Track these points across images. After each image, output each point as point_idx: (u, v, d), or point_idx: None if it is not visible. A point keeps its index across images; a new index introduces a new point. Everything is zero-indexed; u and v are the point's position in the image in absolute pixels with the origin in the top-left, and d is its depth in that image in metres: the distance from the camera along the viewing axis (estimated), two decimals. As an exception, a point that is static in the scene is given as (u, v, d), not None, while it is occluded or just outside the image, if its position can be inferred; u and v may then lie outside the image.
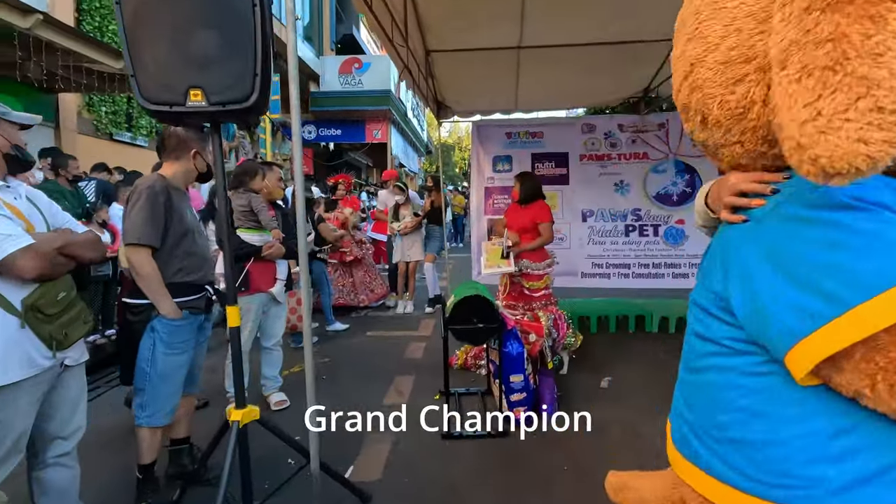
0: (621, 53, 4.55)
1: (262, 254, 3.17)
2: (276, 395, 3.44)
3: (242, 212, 3.17)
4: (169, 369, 2.20)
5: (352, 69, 14.85)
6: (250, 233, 3.19)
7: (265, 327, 3.34)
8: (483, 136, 5.80)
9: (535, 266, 3.88)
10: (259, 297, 3.20)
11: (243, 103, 1.63)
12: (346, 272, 6.12)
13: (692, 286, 1.16)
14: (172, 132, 2.30)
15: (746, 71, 0.76)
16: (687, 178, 5.52)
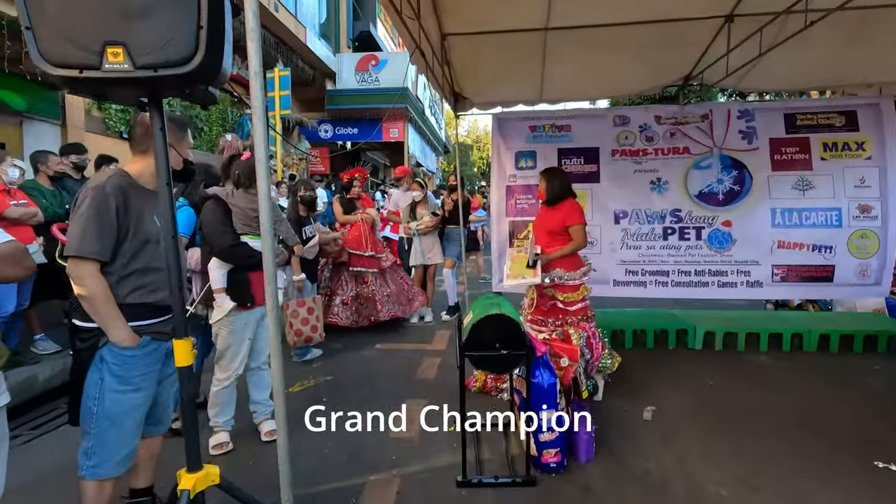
0: (663, 34, 4.01)
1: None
2: (268, 423, 3.00)
3: (255, 216, 2.77)
4: (120, 410, 1.76)
5: (368, 66, 14.52)
6: (258, 239, 2.79)
7: (255, 344, 2.91)
8: (504, 130, 5.30)
9: (569, 276, 3.35)
10: (257, 311, 2.82)
11: (182, 67, 1.18)
12: (384, 281, 5.35)
13: (741, 297, 0.91)
14: (140, 119, 1.87)
15: None
16: (734, 175, 4.93)
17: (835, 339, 4.36)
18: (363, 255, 5.18)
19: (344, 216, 5.29)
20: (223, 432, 2.86)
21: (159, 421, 1.99)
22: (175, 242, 1.43)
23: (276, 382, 1.58)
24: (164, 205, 1.37)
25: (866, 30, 3.82)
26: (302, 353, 4.33)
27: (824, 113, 4.87)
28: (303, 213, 4.21)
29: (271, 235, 1.46)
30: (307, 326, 3.96)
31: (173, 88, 1.27)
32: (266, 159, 1.38)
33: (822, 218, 4.85)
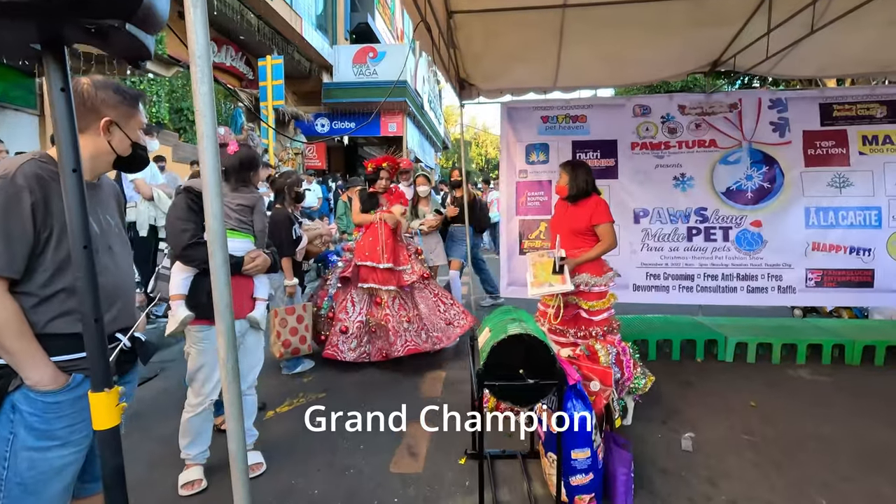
0: (692, 11, 3.60)
1: (243, 267, 2.34)
2: (251, 455, 2.58)
3: (241, 208, 2.37)
4: (39, 474, 1.34)
5: (366, 59, 14.08)
6: (238, 237, 2.37)
7: (240, 363, 2.47)
8: (514, 121, 4.87)
9: (596, 281, 2.95)
10: (238, 325, 2.37)
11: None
12: (406, 302, 4.11)
13: (772, 304, 2.20)
14: (73, 88, 1.43)
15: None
16: (765, 171, 4.52)
17: (880, 351, 3.96)
18: (377, 267, 3.97)
19: (360, 216, 4.17)
20: (196, 467, 2.44)
21: (98, 477, 1.56)
22: (88, 254, 1.00)
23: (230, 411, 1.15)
24: (72, 200, 0.95)
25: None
26: (291, 364, 3.92)
27: (864, 103, 4.46)
28: (291, 209, 3.79)
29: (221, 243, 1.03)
30: (296, 337, 3.58)
31: (72, 25, 0.84)
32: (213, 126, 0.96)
33: (859, 218, 4.45)
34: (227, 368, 1.02)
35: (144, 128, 1.56)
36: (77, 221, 0.96)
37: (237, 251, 2.34)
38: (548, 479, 2.34)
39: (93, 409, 1.01)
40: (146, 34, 0.95)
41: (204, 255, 2.19)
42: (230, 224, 2.33)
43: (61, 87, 0.92)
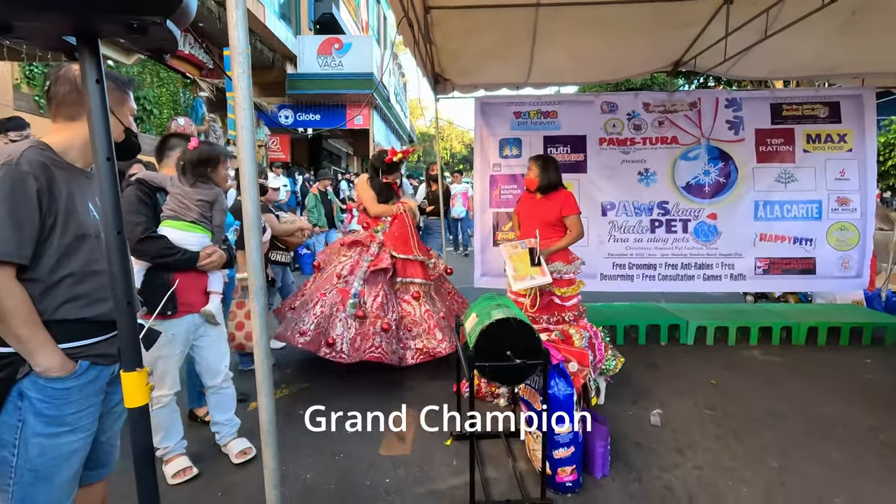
0: (658, 14, 3.81)
1: (198, 263, 2.31)
2: (237, 442, 2.61)
3: (201, 203, 2.32)
4: (49, 460, 1.35)
5: (332, 50, 13.85)
6: (189, 230, 2.30)
7: (204, 360, 2.47)
8: (488, 116, 4.99)
9: (567, 269, 3.16)
10: (188, 320, 2.34)
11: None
12: (431, 300, 3.75)
13: (725, 290, 2.23)
14: (63, 74, 1.43)
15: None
16: (721, 167, 4.82)
17: (822, 332, 4.33)
18: (414, 259, 3.69)
19: (379, 206, 3.75)
20: (180, 457, 2.44)
21: (103, 464, 1.58)
22: (122, 239, 1.04)
23: (263, 393, 1.21)
24: (106, 188, 0.98)
25: (859, 18, 3.73)
26: (248, 361, 3.81)
27: (809, 104, 4.82)
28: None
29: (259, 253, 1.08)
30: (241, 332, 3.39)
31: (114, 20, 0.88)
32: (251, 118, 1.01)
33: (802, 210, 4.83)
34: (259, 347, 1.08)
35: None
36: (110, 208, 0.99)
37: (193, 246, 2.31)
38: (531, 455, 2.48)
39: (125, 389, 1.05)
40: (177, 29, 1.00)
41: (156, 250, 2.19)
42: (191, 217, 2.31)
43: (96, 79, 0.96)
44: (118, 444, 1.62)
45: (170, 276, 2.24)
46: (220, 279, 2.53)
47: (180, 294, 2.26)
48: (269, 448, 1.18)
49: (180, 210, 2.29)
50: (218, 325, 2.51)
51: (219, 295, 2.48)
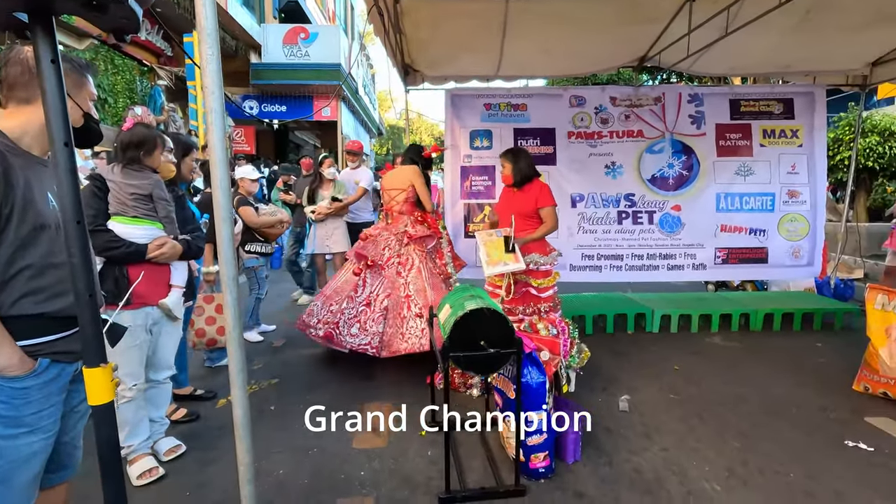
0: (625, 9, 3.89)
1: (147, 255, 2.24)
2: (165, 440, 2.54)
3: (135, 197, 2.23)
4: (8, 463, 1.28)
5: (297, 39, 13.52)
6: (134, 223, 2.23)
7: (153, 354, 2.40)
8: (458, 108, 4.99)
9: (544, 260, 3.20)
10: (144, 313, 2.26)
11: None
12: None
13: (687, 279, 2.39)
14: (13, 55, 1.35)
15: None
16: (684, 160, 4.98)
17: (777, 318, 4.55)
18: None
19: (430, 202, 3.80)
20: (146, 457, 2.36)
21: (65, 465, 1.51)
22: (82, 229, 0.99)
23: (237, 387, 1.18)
24: (64, 175, 0.93)
25: (812, 17, 3.90)
26: (217, 356, 3.73)
27: (765, 100, 5.02)
28: None
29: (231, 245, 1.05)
30: (213, 326, 3.26)
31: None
32: (223, 136, 0.98)
33: (758, 203, 5.04)
34: (233, 340, 1.05)
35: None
36: (69, 197, 0.94)
37: (140, 238, 2.23)
38: (505, 442, 2.51)
39: (88, 385, 1.00)
40: (139, 8, 0.95)
41: (101, 243, 2.13)
42: (129, 213, 2.22)
43: (51, 59, 0.90)
44: (81, 444, 1.55)
45: (121, 270, 2.18)
46: (184, 272, 2.45)
47: (138, 286, 2.19)
48: (244, 443, 1.15)
49: (118, 206, 2.21)
50: (177, 321, 2.44)
51: (180, 289, 2.40)
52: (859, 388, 3.20)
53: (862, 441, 2.61)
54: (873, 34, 4.17)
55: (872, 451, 2.51)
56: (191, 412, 2.95)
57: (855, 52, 4.61)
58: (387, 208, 3.85)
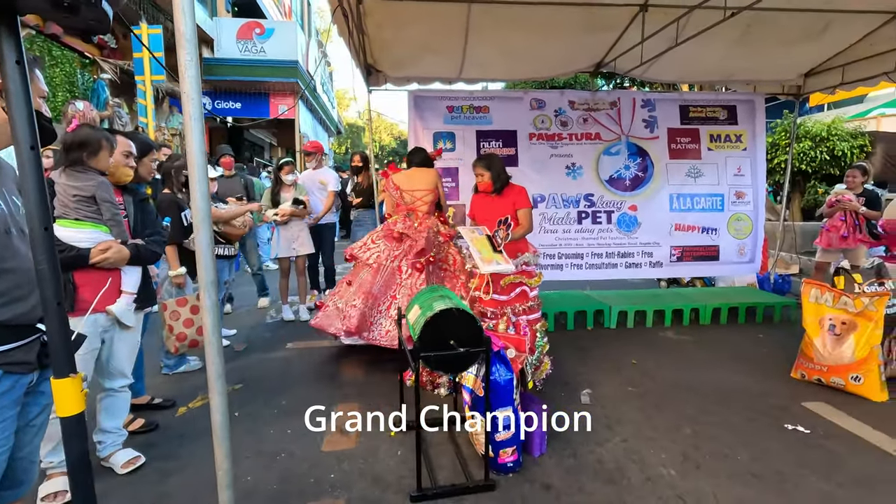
0: (583, 17, 4.02)
1: (90, 260, 2.14)
2: (122, 453, 2.43)
3: (78, 199, 2.13)
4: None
5: (252, 35, 13.14)
6: (77, 227, 2.15)
7: (107, 361, 2.31)
8: (421, 109, 5.02)
9: (535, 259, 3.34)
10: (92, 319, 2.16)
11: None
12: None
13: (644, 276, 2.52)
14: None
15: None
16: (639, 162, 5.20)
17: (724, 312, 4.84)
18: None
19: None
20: (60, 477, 2.21)
21: (20, 482, 1.44)
22: (49, 235, 0.96)
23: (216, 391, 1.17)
24: (31, 180, 0.90)
25: (753, 31, 4.18)
26: (174, 363, 3.62)
27: (711, 106, 5.33)
28: (181, 195, 3.49)
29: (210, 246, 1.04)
30: (192, 328, 3.19)
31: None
32: (205, 163, 0.97)
33: (709, 203, 5.34)
34: (211, 344, 1.04)
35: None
36: (35, 202, 0.91)
37: (83, 242, 2.14)
38: (473, 439, 2.57)
39: (56, 397, 0.97)
40: (110, 9, 0.93)
41: None
42: (71, 215, 2.14)
43: (16, 60, 0.87)
44: (38, 459, 1.49)
45: (70, 274, 2.10)
46: (136, 278, 2.36)
47: (79, 292, 2.11)
48: (222, 448, 1.14)
49: (61, 209, 2.13)
50: (129, 329, 2.34)
51: (131, 295, 2.31)
52: (797, 375, 3.45)
53: (800, 424, 2.83)
54: (805, 48, 4.51)
55: (809, 434, 2.73)
56: (149, 422, 2.85)
57: (790, 63, 4.96)
58: (409, 208, 3.84)
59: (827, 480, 2.30)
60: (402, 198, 3.84)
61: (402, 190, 3.84)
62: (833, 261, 4.93)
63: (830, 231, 4.83)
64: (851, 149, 7.76)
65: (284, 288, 5.05)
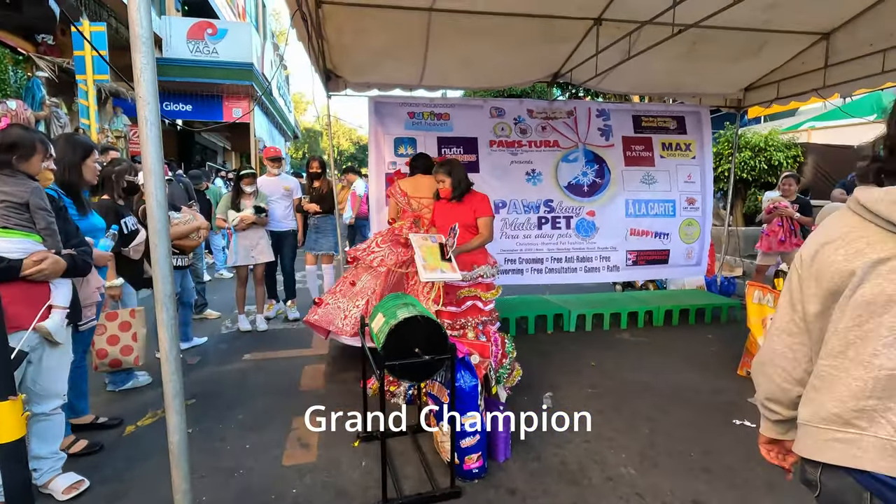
0: (540, 29, 4.13)
1: (22, 272, 1.97)
2: (63, 477, 2.27)
3: (7, 205, 1.97)
4: None
5: (204, 35, 12.70)
6: (7, 236, 1.97)
7: (36, 382, 2.10)
8: (382, 115, 4.99)
9: (491, 272, 3.24)
10: (18, 338, 1.89)
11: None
12: None
13: (602, 280, 2.45)
14: None
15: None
16: (596, 168, 5.36)
17: (676, 314, 5.05)
18: None
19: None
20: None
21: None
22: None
23: (173, 410, 1.11)
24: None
25: (698, 47, 4.42)
26: (120, 379, 3.41)
27: (662, 117, 5.57)
28: (120, 201, 3.30)
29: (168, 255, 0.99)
30: (116, 346, 2.97)
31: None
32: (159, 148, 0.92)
33: (661, 209, 5.57)
34: (168, 361, 0.99)
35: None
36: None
37: (14, 253, 1.97)
38: (439, 447, 2.56)
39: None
40: (57, 8, 0.88)
41: None
42: (1, 223, 1.98)
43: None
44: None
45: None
46: (67, 291, 2.18)
47: (9, 308, 1.93)
48: (180, 469, 1.08)
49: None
50: (58, 346, 2.15)
51: (62, 310, 2.12)
52: (742, 372, 3.65)
53: (746, 419, 2.98)
54: (745, 65, 4.80)
55: (755, 428, 2.89)
56: (93, 443, 2.67)
57: (731, 78, 5.26)
58: (416, 215, 3.75)
59: (773, 471, 2.44)
60: (409, 204, 3.77)
61: (410, 196, 3.78)
62: (772, 263, 5.25)
63: (769, 236, 5.14)
64: (787, 159, 8.30)
65: (242, 297, 4.88)
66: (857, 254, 0.87)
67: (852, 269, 0.87)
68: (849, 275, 0.87)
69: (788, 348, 1.01)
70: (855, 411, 0.86)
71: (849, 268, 0.87)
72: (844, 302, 0.89)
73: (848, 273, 0.88)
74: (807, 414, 0.95)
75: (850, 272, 0.87)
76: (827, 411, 0.90)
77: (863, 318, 0.86)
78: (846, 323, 0.88)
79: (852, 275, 0.87)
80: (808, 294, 0.95)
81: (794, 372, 1.00)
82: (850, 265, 0.87)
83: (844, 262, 0.88)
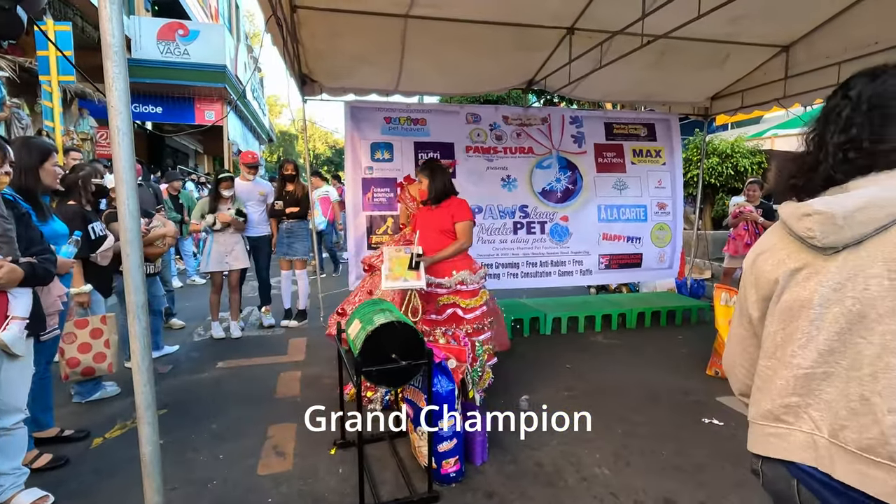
0: (515, 37, 4.20)
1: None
2: (25, 493, 2.19)
3: None
4: None
5: (175, 36, 12.44)
6: None
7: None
8: (358, 120, 4.98)
9: (473, 278, 3.14)
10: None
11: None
12: None
13: (576, 284, 2.66)
14: None
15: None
16: (569, 175, 5.46)
17: (648, 316, 5.18)
18: None
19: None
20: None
21: None
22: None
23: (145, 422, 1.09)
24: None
25: (666, 57, 4.56)
26: (87, 390, 3.30)
27: (633, 124, 5.72)
28: (88, 206, 3.21)
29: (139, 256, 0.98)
30: (88, 354, 2.92)
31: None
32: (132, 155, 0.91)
33: (633, 213, 5.70)
34: (140, 371, 0.98)
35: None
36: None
37: None
38: (416, 452, 2.56)
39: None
40: (24, 14, 0.87)
41: None
42: None
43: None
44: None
45: None
46: (27, 301, 2.09)
47: None
48: (153, 481, 1.07)
49: None
50: (18, 358, 2.08)
51: (20, 321, 2.04)
52: (711, 372, 3.76)
53: (715, 418, 3.08)
54: (710, 74, 4.98)
55: (723, 426, 2.98)
56: (58, 457, 2.58)
57: (698, 87, 5.45)
58: None
59: (740, 468, 2.52)
60: (418, 209, 3.70)
61: (419, 202, 3.70)
62: (739, 266, 5.43)
63: (736, 239, 5.32)
64: (752, 165, 8.62)
65: (216, 304, 4.79)
66: (779, 263, 0.96)
67: (776, 278, 0.96)
68: (774, 282, 0.97)
69: (744, 349, 1.10)
70: (783, 408, 0.94)
71: (774, 276, 0.97)
72: (773, 307, 0.98)
73: (774, 281, 0.97)
74: (751, 412, 1.05)
75: (776, 280, 0.96)
76: (763, 408, 0.99)
77: (785, 321, 0.95)
78: (774, 327, 0.97)
79: (777, 283, 0.96)
80: (751, 301, 1.04)
81: (753, 369, 1.07)
82: (775, 274, 0.96)
83: (772, 271, 0.97)
